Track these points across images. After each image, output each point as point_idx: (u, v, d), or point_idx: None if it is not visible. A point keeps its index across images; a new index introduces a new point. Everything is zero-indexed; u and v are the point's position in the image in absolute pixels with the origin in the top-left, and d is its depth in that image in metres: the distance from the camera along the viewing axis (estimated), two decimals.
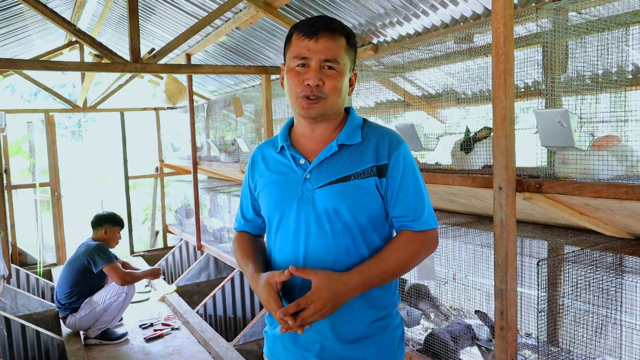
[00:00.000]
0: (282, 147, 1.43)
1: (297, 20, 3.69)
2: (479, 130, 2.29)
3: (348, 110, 1.45)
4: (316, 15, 1.41)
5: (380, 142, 1.36)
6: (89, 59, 6.31)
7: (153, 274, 4.23)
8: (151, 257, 6.60)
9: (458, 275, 2.75)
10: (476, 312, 2.59)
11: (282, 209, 1.38)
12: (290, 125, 1.48)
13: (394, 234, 1.44)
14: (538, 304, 1.97)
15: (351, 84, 1.41)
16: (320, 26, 1.30)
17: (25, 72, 5.91)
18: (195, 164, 5.41)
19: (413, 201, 1.35)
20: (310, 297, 1.23)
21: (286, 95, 1.40)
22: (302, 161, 1.38)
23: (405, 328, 2.73)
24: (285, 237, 1.38)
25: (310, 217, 1.34)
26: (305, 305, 1.23)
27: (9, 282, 4.79)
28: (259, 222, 1.55)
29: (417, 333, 2.76)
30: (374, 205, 1.35)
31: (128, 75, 6.21)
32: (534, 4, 2.46)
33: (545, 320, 2.13)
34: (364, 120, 1.44)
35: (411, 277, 2.95)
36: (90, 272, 3.95)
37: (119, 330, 4.18)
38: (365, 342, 1.36)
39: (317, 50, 1.30)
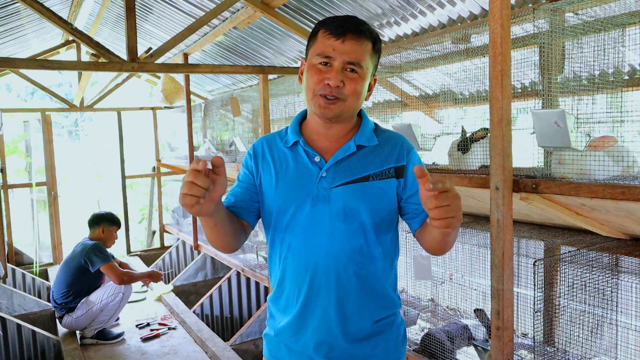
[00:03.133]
0: (295, 143, 1.39)
1: (295, 20, 3.71)
2: (476, 131, 2.29)
3: (360, 113, 1.44)
4: (344, 14, 1.39)
5: (397, 145, 1.38)
6: (85, 58, 6.30)
7: (152, 277, 4.19)
8: (148, 256, 6.59)
9: (455, 275, 2.75)
10: (475, 310, 2.60)
11: (294, 206, 1.34)
12: (301, 120, 1.45)
13: (398, 233, 1.45)
14: (534, 304, 1.98)
15: (370, 89, 1.39)
16: (349, 27, 1.29)
17: (22, 71, 5.89)
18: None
19: None
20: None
21: (303, 91, 1.37)
22: (317, 159, 1.36)
23: None
24: (296, 236, 1.35)
25: (325, 216, 1.32)
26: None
27: (4, 282, 4.78)
28: (249, 205, 1.42)
29: (413, 333, 2.77)
30: (389, 207, 1.35)
31: (125, 74, 6.20)
32: (531, 5, 2.46)
33: (542, 320, 2.13)
34: (375, 124, 1.45)
35: (408, 277, 2.96)
36: (87, 271, 3.94)
37: (116, 330, 4.18)
38: (374, 339, 1.37)
39: (343, 51, 1.28)
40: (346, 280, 1.33)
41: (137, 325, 4.37)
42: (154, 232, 7.29)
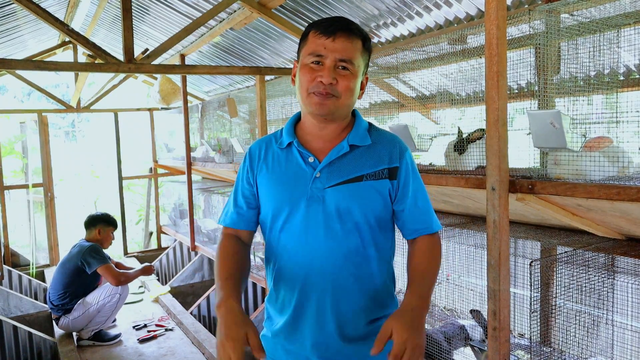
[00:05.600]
0: (289, 144, 1.40)
1: (291, 21, 3.71)
2: (473, 132, 2.30)
3: (353, 112, 1.45)
4: (333, 16, 1.41)
5: (391, 145, 1.40)
6: (82, 59, 6.29)
7: (145, 271, 4.22)
8: (145, 258, 6.57)
9: (452, 276, 2.75)
10: (471, 311, 2.60)
11: (289, 207, 1.35)
12: (295, 122, 1.45)
13: (395, 232, 1.46)
14: (531, 304, 1.98)
15: (362, 88, 1.40)
16: (339, 26, 1.31)
17: (18, 72, 5.88)
18: (189, 164, 5.39)
19: (425, 205, 1.41)
20: (397, 347, 1.18)
21: (296, 92, 1.38)
22: (311, 159, 1.36)
23: None
24: (292, 236, 1.36)
25: (319, 216, 1.33)
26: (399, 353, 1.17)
27: (1, 283, 4.76)
28: (252, 215, 1.45)
29: None
30: (383, 207, 1.36)
31: (122, 75, 6.19)
32: (526, 6, 2.47)
33: (538, 320, 2.13)
34: (370, 124, 1.46)
35: (406, 278, 2.95)
36: (83, 273, 3.93)
37: (112, 332, 4.17)
38: (369, 340, 1.36)
39: (334, 49, 1.30)
40: (343, 280, 1.33)
41: (134, 327, 4.36)
42: (151, 233, 7.27)
